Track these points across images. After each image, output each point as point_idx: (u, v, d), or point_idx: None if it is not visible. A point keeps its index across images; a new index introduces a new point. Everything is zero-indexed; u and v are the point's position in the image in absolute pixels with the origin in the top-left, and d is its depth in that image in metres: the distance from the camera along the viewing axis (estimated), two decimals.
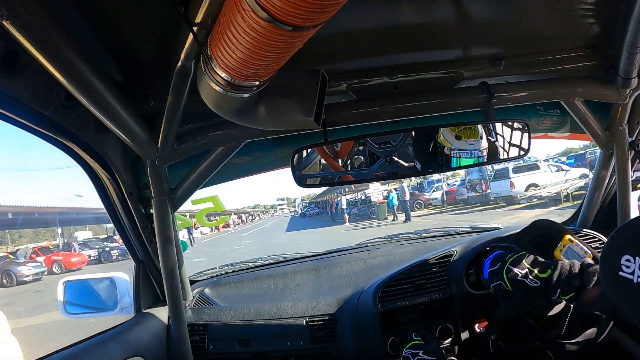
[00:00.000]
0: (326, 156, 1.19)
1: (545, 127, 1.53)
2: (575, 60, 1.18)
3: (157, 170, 1.14)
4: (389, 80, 1.15)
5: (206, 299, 1.51)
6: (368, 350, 1.29)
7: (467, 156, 1.12)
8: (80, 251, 17.44)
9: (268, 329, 1.36)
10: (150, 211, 1.24)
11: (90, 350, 1.09)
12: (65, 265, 15.09)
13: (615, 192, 1.44)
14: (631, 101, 1.28)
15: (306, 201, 47.00)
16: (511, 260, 1.06)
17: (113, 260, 16.38)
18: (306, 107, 0.84)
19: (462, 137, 1.12)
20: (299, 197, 51.92)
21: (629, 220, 0.62)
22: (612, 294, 0.60)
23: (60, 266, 15.02)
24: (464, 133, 1.12)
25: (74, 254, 16.54)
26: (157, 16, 0.79)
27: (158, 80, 0.93)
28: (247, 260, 1.87)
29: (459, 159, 1.12)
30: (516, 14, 0.98)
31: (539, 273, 1.02)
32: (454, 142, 1.12)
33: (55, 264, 15.03)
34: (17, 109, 0.81)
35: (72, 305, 1.40)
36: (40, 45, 0.65)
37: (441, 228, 1.94)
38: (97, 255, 17.16)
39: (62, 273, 14.32)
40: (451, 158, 1.13)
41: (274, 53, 0.62)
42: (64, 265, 15.05)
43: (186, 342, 1.29)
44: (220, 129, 1.15)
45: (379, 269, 1.52)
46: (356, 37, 0.99)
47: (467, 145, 1.12)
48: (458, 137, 1.12)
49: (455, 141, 1.12)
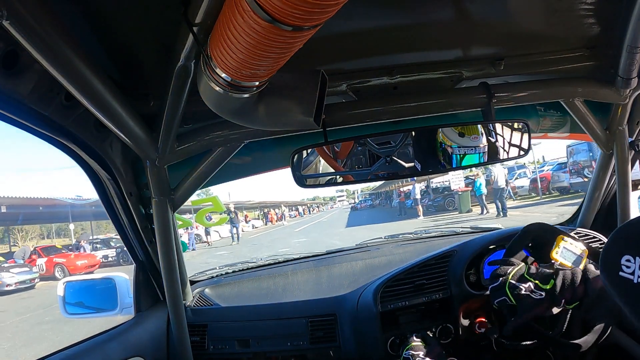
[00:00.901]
0: (326, 156, 1.19)
1: (545, 127, 1.53)
2: (575, 60, 1.18)
3: (157, 170, 1.14)
4: (388, 81, 1.16)
5: (206, 299, 1.51)
6: (368, 351, 1.29)
7: (471, 153, 1.12)
8: (96, 251, 15.04)
9: (268, 329, 1.36)
10: (150, 211, 1.24)
11: (91, 351, 1.09)
12: (68, 269, 12.75)
13: (615, 192, 1.44)
14: (631, 101, 1.27)
15: (366, 192, 45.45)
16: (512, 275, 1.05)
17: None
18: (306, 107, 0.84)
19: (465, 133, 1.12)
20: (358, 189, 49.59)
21: (629, 220, 0.62)
22: (612, 294, 0.60)
23: (64, 270, 12.76)
24: (467, 130, 1.13)
25: (83, 255, 14.04)
26: (157, 16, 0.79)
27: (158, 80, 0.93)
28: (247, 260, 1.87)
29: (462, 157, 1.12)
30: (516, 14, 0.98)
31: (541, 284, 1.00)
32: (457, 139, 1.12)
33: (58, 268, 12.80)
34: (17, 109, 0.81)
35: (72, 305, 1.40)
36: (40, 45, 0.65)
37: (441, 228, 1.94)
38: (116, 256, 14.48)
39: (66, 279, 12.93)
40: (454, 156, 1.13)
41: (274, 53, 0.62)
42: (67, 269, 12.78)
43: (186, 342, 1.29)
44: (220, 129, 1.15)
45: (379, 269, 1.52)
46: (356, 37, 0.99)
47: (470, 142, 1.12)
48: (461, 135, 1.12)
49: (459, 138, 1.12)
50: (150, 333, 1.26)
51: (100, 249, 15.26)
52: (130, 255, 1.35)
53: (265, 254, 2.01)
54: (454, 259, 1.37)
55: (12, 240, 22.61)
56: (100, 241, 16.23)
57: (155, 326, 1.29)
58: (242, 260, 1.91)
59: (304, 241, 12.68)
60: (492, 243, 1.38)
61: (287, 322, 1.36)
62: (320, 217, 30.71)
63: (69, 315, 1.40)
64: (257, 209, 39.64)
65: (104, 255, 14.51)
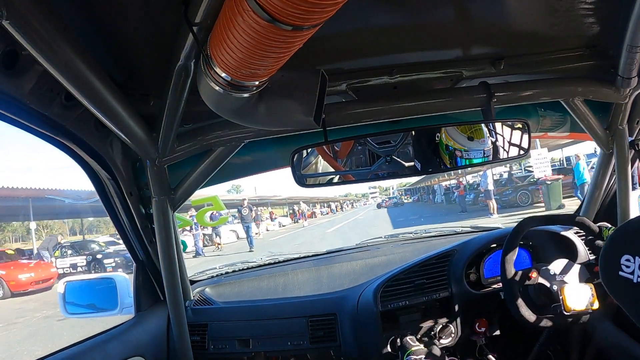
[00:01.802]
0: (326, 156, 1.19)
1: (545, 127, 1.53)
2: (575, 60, 1.18)
3: (157, 170, 1.14)
4: (388, 80, 1.16)
5: (206, 298, 1.51)
6: (368, 350, 1.29)
7: (479, 156, 1.13)
8: (63, 258, 11.74)
9: (268, 329, 1.36)
10: (150, 211, 1.24)
11: (91, 350, 1.09)
12: (8, 283, 8.99)
13: (615, 191, 1.44)
14: (631, 101, 1.28)
15: (401, 188, 42.51)
16: None
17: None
18: (306, 107, 0.84)
19: (474, 137, 1.13)
20: (394, 184, 46.33)
21: (629, 220, 0.62)
22: (612, 293, 0.60)
23: (2, 285, 9.03)
24: (476, 134, 1.13)
25: (33, 266, 9.88)
26: (157, 16, 0.79)
27: (158, 80, 0.93)
28: (247, 260, 1.87)
29: (470, 160, 1.13)
30: (516, 14, 0.98)
31: None
32: (466, 143, 1.12)
33: None
34: (17, 109, 0.81)
35: (73, 305, 1.40)
36: (40, 45, 0.65)
37: (441, 228, 1.94)
38: (87, 265, 11.54)
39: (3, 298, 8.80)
40: (460, 159, 1.13)
41: (274, 53, 0.62)
42: (6, 285, 9.00)
43: (186, 342, 1.29)
44: (220, 129, 1.15)
45: (379, 269, 1.52)
46: (356, 37, 0.99)
47: (479, 145, 1.13)
48: (470, 139, 1.12)
49: (469, 142, 1.12)
50: (150, 333, 1.27)
51: (71, 255, 12.01)
52: (130, 255, 1.35)
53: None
54: (454, 259, 1.37)
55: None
56: (71, 245, 12.65)
57: (155, 326, 1.29)
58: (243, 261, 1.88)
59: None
60: (492, 242, 1.38)
61: (287, 321, 1.36)
62: (355, 215, 27.16)
63: (69, 315, 1.40)
64: (285, 206, 35.24)
65: (72, 264, 11.63)
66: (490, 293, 1.33)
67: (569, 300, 1.05)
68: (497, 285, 1.34)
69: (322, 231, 15.50)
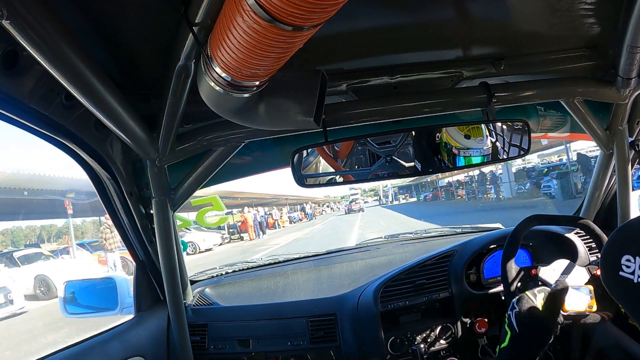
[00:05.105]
0: (326, 156, 1.19)
1: (545, 127, 1.53)
2: (575, 60, 1.18)
3: (157, 170, 1.14)
4: (389, 80, 1.16)
5: (206, 299, 1.51)
6: (368, 350, 1.29)
7: (477, 154, 1.13)
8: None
9: (268, 329, 1.36)
10: (150, 211, 1.24)
11: (91, 350, 1.09)
12: None
13: (615, 192, 1.44)
14: (631, 101, 1.28)
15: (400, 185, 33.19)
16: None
17: None
18: (306, 107, 0.84)
19: (471, 136, 1.13)
20: (388, 184, 35.85)
21: (629, 220, 0.62)
22: (613, 293, 0.60)
23: None
24: (472, 132, 1.13)
25: None
26: (157, 16, 0.79)
27: (158, 80, 0.93)
28: (247, 260, 1.87)
29: (469, 158, 1.13)
30: (516, 14, 0.98)
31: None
32: (463, 141, 1.12)
33: None
34: (17, 109, 0.81)
35: (73, 305, 1.40)
36: (40, 45, 0.65)
37: (441, 228, 1.94)
38: None
39: None
40: (460, 157, 1.13)
41: (274, 53, 0.62)
42: None
43: (186, 342, 1.29)
44: (220, 129, 1.15)
45: (379, 269, 1.52)
46: (356, 37, 0.99)
47: (476, 144, 1.13)
48: (467, 137, 1.12)
49: (465, 140, 1.12)
50: (150, 333, 1.26)
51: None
52: (130, 255, 1.35)
53: None
54: (454, 259, 1.37)
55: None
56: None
57: (155, 326, 1.29)
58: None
59: None
60: (492, 243, 1.38)
61: (287, 322, 1.36)
62: (357, 219, 20.11)
63: (69, 315, 1.40)
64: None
65: None
66: (491, 293, 1.33)
67: (567, 301, 1.05)
68: (498, 286, 1.34)
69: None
